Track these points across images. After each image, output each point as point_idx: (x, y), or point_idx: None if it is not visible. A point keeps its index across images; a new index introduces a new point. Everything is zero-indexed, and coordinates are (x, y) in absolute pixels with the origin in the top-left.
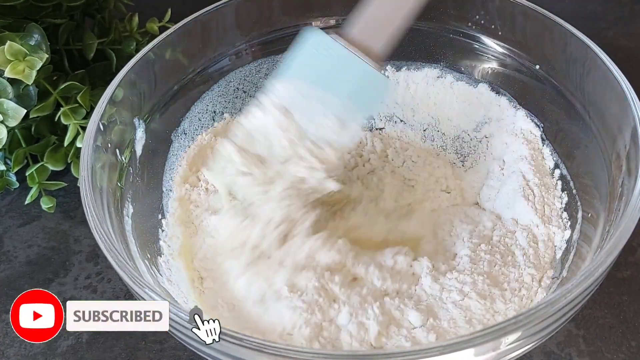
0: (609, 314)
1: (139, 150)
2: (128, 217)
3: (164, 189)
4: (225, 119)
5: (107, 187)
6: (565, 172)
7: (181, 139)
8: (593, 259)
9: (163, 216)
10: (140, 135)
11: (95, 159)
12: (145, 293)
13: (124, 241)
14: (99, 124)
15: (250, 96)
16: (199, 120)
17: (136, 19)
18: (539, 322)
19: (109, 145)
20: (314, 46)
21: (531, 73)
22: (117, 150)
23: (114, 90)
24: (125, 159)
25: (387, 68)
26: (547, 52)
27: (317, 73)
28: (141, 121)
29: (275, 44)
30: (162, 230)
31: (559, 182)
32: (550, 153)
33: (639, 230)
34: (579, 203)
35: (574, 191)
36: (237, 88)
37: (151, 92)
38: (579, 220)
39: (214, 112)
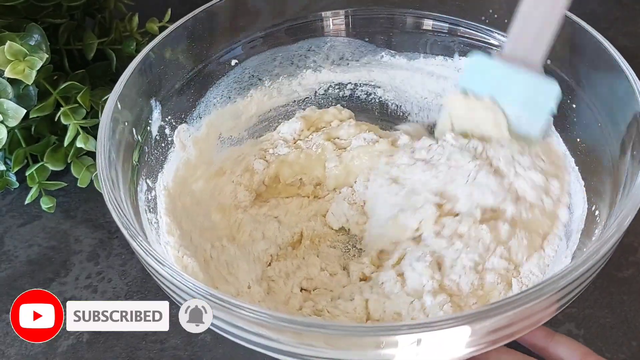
0: (610, 314)
1: (154, 130)
2: (142, 193)
3: None
4: (236, 102)
5: (123, 164)
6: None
7: (196, 122)
8: (593, 244)
9: None
10: (156, 116)
11: (112, 137)
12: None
13: (137, 215)
14: (116, 102)
15: (264, 84)
16: (214, 105)
17: (136, 19)
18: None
19: (126, 123)
20: (476, 68)
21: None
22: (134, 130)
23: (133, 70)
24: (140, 138)
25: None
26: (557, 45)
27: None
28: (158, 102)
29: (291, 33)
30: None
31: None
32: (559, 142)
33: (639, 230)
34: (584, 189)
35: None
36: (253, 75)
37: (170, 74)
38: (585, 206)
39: (229, 97)
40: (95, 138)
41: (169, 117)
